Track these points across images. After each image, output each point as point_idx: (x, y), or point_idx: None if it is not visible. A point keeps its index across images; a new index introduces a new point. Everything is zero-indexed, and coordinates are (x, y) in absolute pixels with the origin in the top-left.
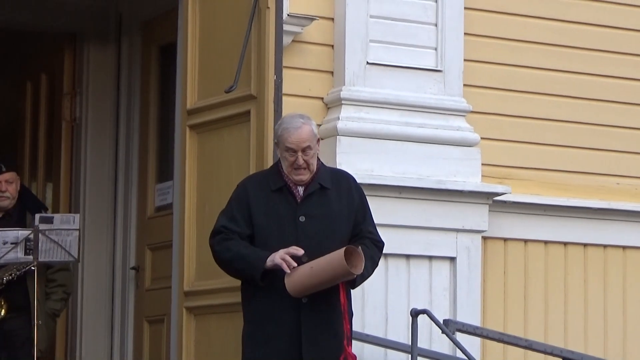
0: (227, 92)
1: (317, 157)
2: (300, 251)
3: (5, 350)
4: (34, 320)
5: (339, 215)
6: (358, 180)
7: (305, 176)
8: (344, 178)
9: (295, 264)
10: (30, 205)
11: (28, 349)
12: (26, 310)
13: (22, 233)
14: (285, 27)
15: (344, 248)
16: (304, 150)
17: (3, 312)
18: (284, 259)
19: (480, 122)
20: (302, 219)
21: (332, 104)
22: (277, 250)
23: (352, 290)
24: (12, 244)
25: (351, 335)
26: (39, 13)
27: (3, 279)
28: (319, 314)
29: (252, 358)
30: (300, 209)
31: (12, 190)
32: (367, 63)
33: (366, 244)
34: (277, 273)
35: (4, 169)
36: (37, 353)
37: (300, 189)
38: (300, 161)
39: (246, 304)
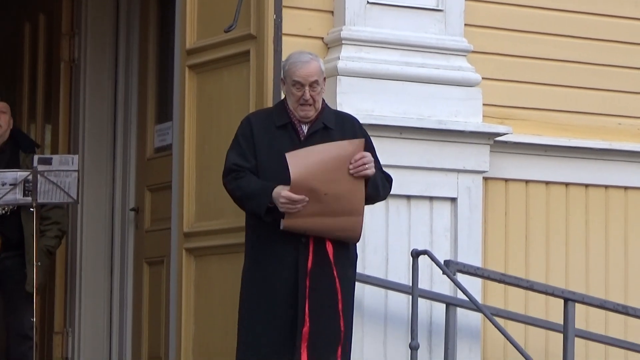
0: (226, 31)
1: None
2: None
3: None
4: (29, 256)
5: None
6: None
7: (311, 112)
8: (348, 120)
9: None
10: (23, 143)
11: (22, 289)
12: (20, 248)
13: (21, 174)
14: None
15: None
16: (311, 84)
17: None
18: (285, 203)
19: (481, 62)
20: None
21: (333, 44)
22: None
23: (357, 251)
24: (10, 185)
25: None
26: None
27: None
28: (319, 254)
29: (249, 295)
30: (303, 147)
31: (4, 119)
32: (368, 2)
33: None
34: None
35: None
36: (31, 289)
37: (305, 128)
38: (307, 96)
39: (248, 242)
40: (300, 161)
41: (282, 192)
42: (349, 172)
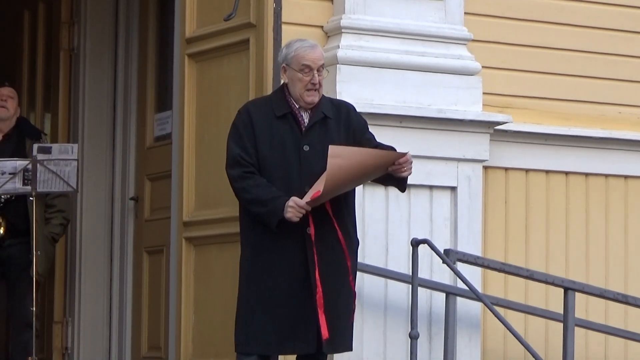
0: (226, 20)
1: None
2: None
3: (3, 278)
4: (33, 242)
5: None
6: (358, 109)
7: (317, 98)
8: (343, 107)
9: (303, 211)
10: (29, 130)
11: (26, 278)
12: (26, 235)
13: (21, 163)
14: None
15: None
16: (318, 69)
17: (2, 230)
18: (293, 211)
19: (481, 50)
20: (306, 148)
21: (332, 33)
22: (279, 181)
23: (356, 223)
24: (10, 174)
25: (355, 268)
26: None
27: (1, 198)
28: (323, 243)
29: (249, 287)
30: (304, 138)
31: (11, 104)
32: None
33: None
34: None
35: (6, 84)
36: (35, 275)
37: (305, 118)
38: (316, 79)
39: (246, 231)
40: (338, 168)
41: (289, 202)
42: (386, 170)
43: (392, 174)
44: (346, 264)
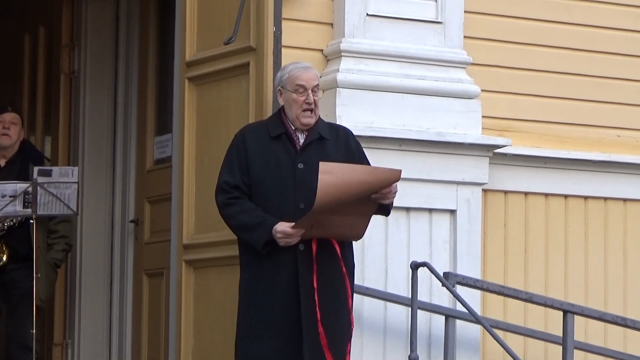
0: (226, 43)
1: None
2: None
3: (5, 302)
4: (35, 268)
5: None
6: (357, 133)
7: (313, 119)
8: (341, 130)
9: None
10: (32, 156)
11: (28, 301)
12: (28, 260)
13: (21, 186)
14: None
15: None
16: (312, 89)
17: (5, 257)
18: (284, 239)
19: (480, 74)
20: (300, 166)
21: (332, 56)
22: (274, 199)
23: (353, 243)
24: (10, 197)
25: (352, 293)
26: None
27: (4, 225)
28: (317, 262)
29: (248, 306)
30: (299, 156)
31: (14, 130)
32: (367, 15)
33: None
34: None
35: (10, 109)
36: (37, 302)
37: (300, 138)
38: (311, 99)
39: (242, 253)
40: (329, 184)
41: (278, 228)
42: (371, 196)
43: (375, 201)
44: (344, 285)
